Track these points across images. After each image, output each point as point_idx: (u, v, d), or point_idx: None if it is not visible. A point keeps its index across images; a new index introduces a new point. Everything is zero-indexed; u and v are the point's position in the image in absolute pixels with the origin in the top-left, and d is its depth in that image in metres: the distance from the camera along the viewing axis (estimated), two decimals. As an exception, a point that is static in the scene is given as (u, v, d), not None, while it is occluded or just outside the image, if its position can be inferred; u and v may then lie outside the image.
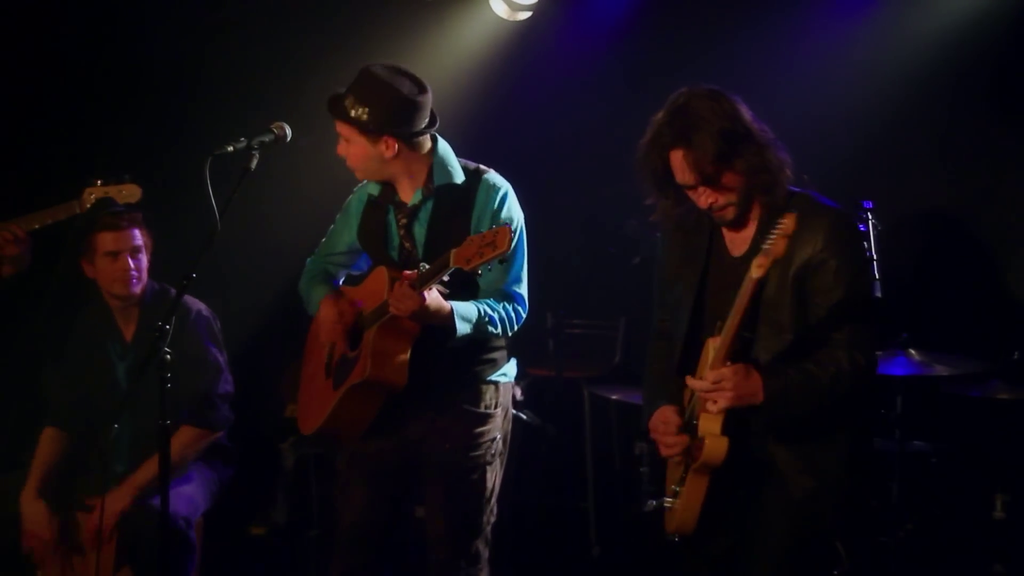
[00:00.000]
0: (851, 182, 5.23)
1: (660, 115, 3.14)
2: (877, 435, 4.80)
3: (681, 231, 3.31)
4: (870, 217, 4.55)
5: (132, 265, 4.24)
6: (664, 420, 3.23)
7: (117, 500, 4.10)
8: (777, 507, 3.13)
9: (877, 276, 4.43)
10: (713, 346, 3.10)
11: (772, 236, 2.90)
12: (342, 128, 3.58)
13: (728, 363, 3.02)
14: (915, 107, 5.29)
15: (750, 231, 3.19)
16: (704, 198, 3.12)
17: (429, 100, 3.58)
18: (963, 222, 5.36)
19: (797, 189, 3.16)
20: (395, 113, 3.52)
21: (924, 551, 4.74)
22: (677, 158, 3.09)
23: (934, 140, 5.38)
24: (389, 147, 3.54)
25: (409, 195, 3.65)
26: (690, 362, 3.24)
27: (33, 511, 4.19)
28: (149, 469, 4.13)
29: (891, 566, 4.64)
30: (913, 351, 4.73)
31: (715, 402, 3.03)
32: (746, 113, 3.11)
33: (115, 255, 4.23)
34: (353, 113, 3.51)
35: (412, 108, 3.54)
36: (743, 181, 3.09)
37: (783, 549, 3.13)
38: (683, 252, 3.33)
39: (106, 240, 4.22)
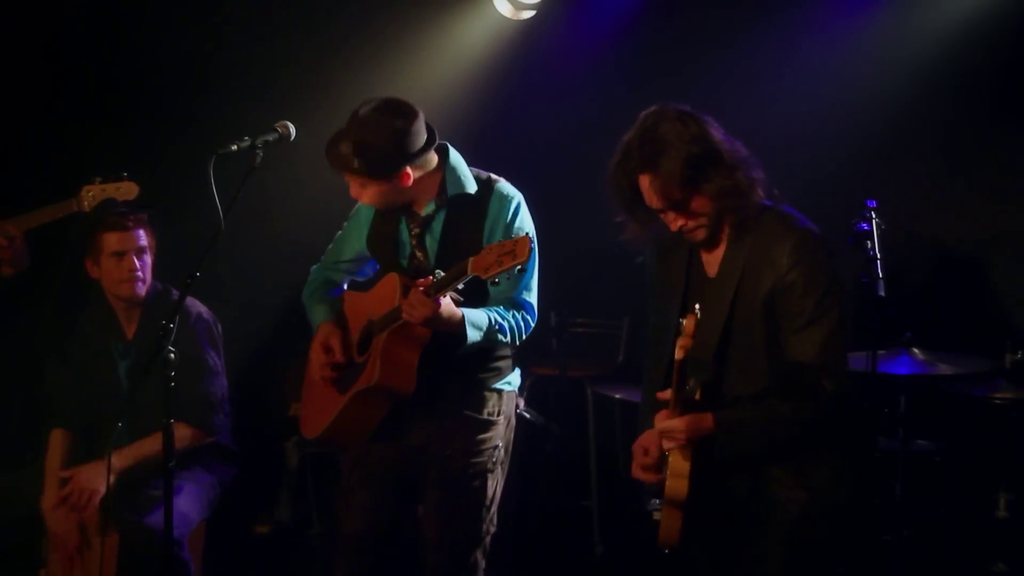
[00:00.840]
0: (855, 181, 5.24)
1: (628, 137, 3.10)
2: (880, 434, 4.81)
3: (661, 249, 3.29)
4: (874, 216, 4.54)
5: (137, 265, 4.24)
6: (644, 448, 3.14)
7: (118, 459, 4.10)
8: (770, 522, 3.09)
9: (880, 275, 4.43)
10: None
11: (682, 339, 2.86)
12: (351, 178, 3.54)
13: (679, 414, 2.98)
14: (919, 106, 5.29)
15: (721, 250, 3.15)
16: (673, 222, 3.10)
17: (422, 119, 3.54)
18: (967, 221, 5.36)
19: (769, 203, 3.11)
20: (402, 148, 3.48)
21: (927, 550, 4.74)
22: (645, 183, 3.06)
23: (938, 139, 5.39)
24: (405, 178, 3.52)
25: (422, 205, 3.64)
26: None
27: (57, 518, 4.17)
28: (151, 444, 4.10)
29: (894, 565, 4.64)
30: (916, 350, 4.74)
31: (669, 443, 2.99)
32: (716, 133, 3.06)
33: (121, 255, 4.23)
34: (357, 164, 3.47)
35: (413, 136, 3.50)
36: (712, 205, 3.05)
37: (779, 563, 3.10)
38: (664, 270, 3.30)
39: (112, 240, 4.23)
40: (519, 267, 3.18)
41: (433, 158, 3.60)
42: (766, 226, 3.06)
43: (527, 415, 5.27)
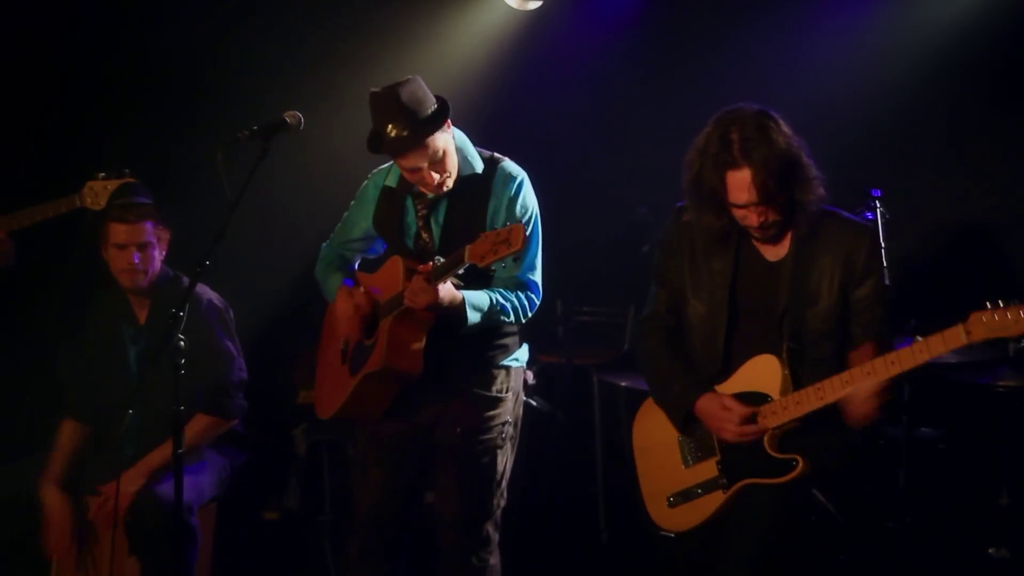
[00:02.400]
0: (859, 171, 5.24)
1: (717, 132, 3.16)
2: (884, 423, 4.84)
3: (712, 237, 3.35)
4: (878, 206, 4.57)
5: (137, 260, 4.24)
6: (727, 407, 3.25)
7: (129, 482, 4.11)
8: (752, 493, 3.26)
9: (885, 264, 4.46)
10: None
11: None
12: (421, 154, 3.54)
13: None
14: (922, 96, 5.31)
15: (784, 244, 3.28)
16: (756, 216, 3.17)
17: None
18: (970, 209, 5.37)
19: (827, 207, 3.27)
20: (428, 93, 3.58)
21: (930, 537, 4.77)
22: (740, 177, 3.12)
23: (941, 128, 5.40)
24: (449, 126, 3.60)
25: None
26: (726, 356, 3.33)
27: (49, 496, 4.23)
28: (162, 452, 4.17)
29: (898, 551, 4.67)
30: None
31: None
32: (789, 130, 3.18)
33: (122, 247, 4.24)
34: (426, 115, 3.51)
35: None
36: (793, 202, 3.16)
37: (757, 531, 3.23)
38: (707, 247, 3.36)
39: (117, 232, 4.25)
40: (514, 256, 3.25)
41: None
42: (836, 224, 3.26)
43: (534, 403, 5.30)
